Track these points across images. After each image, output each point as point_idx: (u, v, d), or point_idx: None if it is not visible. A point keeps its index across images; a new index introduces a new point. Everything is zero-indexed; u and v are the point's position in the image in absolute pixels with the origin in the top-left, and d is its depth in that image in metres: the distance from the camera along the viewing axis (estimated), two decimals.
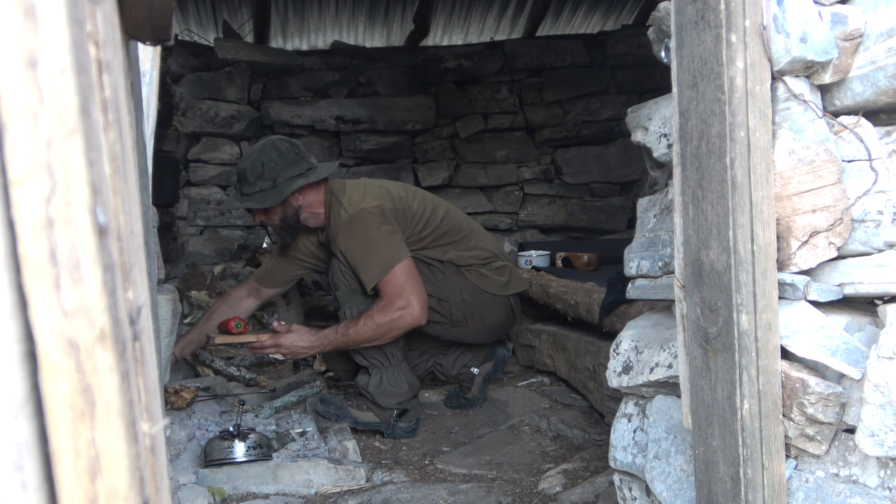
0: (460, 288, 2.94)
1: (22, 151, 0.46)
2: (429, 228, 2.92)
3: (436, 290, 2.88)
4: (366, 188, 2.87)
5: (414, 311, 2.68)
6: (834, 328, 1.18)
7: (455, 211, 3.11)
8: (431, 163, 5.55)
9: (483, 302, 2.98)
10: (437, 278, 2.90)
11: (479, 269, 2.98)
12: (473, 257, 2.98)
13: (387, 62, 5.55)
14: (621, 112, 2.69)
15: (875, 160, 1.19)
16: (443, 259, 2.93)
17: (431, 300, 2.84)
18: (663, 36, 1.45)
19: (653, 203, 1.65)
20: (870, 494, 1.13)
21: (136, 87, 1.17)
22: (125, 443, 0.50)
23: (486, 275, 2.99)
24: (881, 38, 1.18)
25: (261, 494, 2.35)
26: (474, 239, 3.03)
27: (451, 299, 2.92)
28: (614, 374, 1.67)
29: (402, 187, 3.01)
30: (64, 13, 0.46)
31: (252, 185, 2.81)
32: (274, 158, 2.80)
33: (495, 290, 3.00)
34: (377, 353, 2.83)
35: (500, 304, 3.04)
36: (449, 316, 2.93)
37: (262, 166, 2.79)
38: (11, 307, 0.46)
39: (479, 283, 2.97)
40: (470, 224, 3.11)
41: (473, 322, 2.99)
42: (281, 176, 2.79)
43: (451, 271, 2.95)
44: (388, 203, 2.82)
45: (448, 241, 2.95)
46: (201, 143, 5.14)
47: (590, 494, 2.15)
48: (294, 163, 2.83)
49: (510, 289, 3.06)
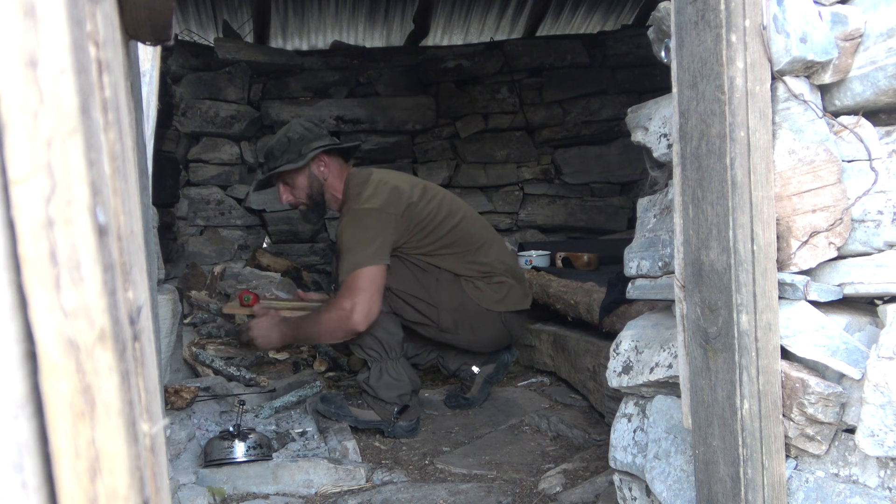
0: (452, 296, 2.92)
1: (22, 151, 0.46)
2: (431, 237, 2.90)
3: (427, 294, 2.88)
4: (378, 188, 2.86)
5: (353, 315, 2.68)
6: (834, 328, 1.18)
7: (473, 220, 3.07)
8: (431, 163, 5.55)
9: (474, 313, 2.95)
10: (431, 284, 2.90)
11: (475, 281, 2.96)
12: (472, 269, 2.96)
13: (387, 62, 5.55)
14: (621, 112, 2.69)
15: (875, 160, 1.19)
16: (440, 266, 2.92)
17: (421, 304, 2.88)
18: (663, 36, 1.45)
19: (653, 203, 1.65)
20: (870, 494, 1.13)
21: (136, 87, 1.17)
22: (125, 443, 0.50)
23: (482, 288, 2.96)
24: (881, 38, 1.18)
25: (261, 494, 2.35)
26: (482, 253, 3.00)
27: (440, 306, 2.91)
28: (614, 374, 1.67)
29: (421, 189, 2.97)
30: (64, 13, 0.46)
31: (278, 160, 2.95)
32: (299, 132, 2.97)
33: (488, 305, 2.96)
34: (375, 345, 2.85)
35: (492, 318, 3.00)
36: (437, 322, 2.93)
37: (287, 140, 2.95)
38: (11, 307, 0.46)
39: (472, 295, 2.94)
40: (484, 236, 3.06)
41: (463, 331, 2.98)
42: (305, 148, 2.93)
43: (448, 279, 2.93)
44: (392, 208, 2.81)
45: (450, 252, 2.93)
46: (201, 143, 5.14)
47: (590, 494, 2.15)
48: (319, 136, 2.98)
49: (505, 305, 3.01)
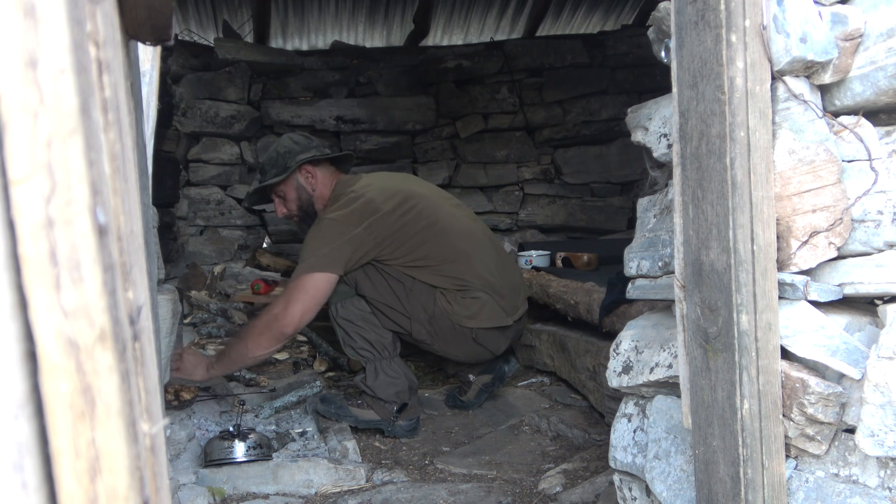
0: (424, 308, 2.86)
1: (22, 151, 0.46)
2: (404, 248, 2.83)
3: (400, 304, 2.85)
4: (350, 199, 2.83)
5: (283, 318, 2.63)
6: (834, 328, 1.18)
7: (454, 231, 2.93)
8: (431, 163, 5.55)
9: (446, 327, 2.88)
10: (404, 295, 2.85)
11: (448, 294, 2.87)
12: (447, 282, 2.88)
13: (387, 62, 5.55)
14: (621, 112, 2.69)
15: (875, 160, 1.19)
16: (415, 277, 2.86)
17: (394, 313, 2.85)
18: (663, 36, 1.45)
19: (653, 203, 1.65)
20: (870, 494, 1.13)
21: (136, 87, 1.17)
22: (125, 443, 0.50)
23: (453, 302, 2.87)
24: (881, 38, 1.18)
25: (261, 494, 2.35)
26: (458, 266, 2.88)
27: (413, 317, 2.86)
28: (614, 374, 1.67)
29: (401, 199, 2.87)
30: (64, 13, 0.46)
31: (267, 174, 3.01)
32: (287, 146, 3.00)
33: (457, 320, 2.87)
34: (367, 346, 2.85)
35: (463, 334, 2.90)
36: (410, 331, 2.89)
37: (276, 155, 3.00)
38: (11, 307, 0.46)
39: (444, 308, 2.87)
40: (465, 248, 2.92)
41: (439, 343, 2.93)
42: (291, 160, 2.96)
43: (421, 290, 2.86)
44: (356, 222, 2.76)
45: (424, 264, 2.86)
46: (201, 143, 5.14)
47: (590, 494, 2.15)
48: (306, 149, 3.00)
49: (476, 322, 2.89)
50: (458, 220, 3.00)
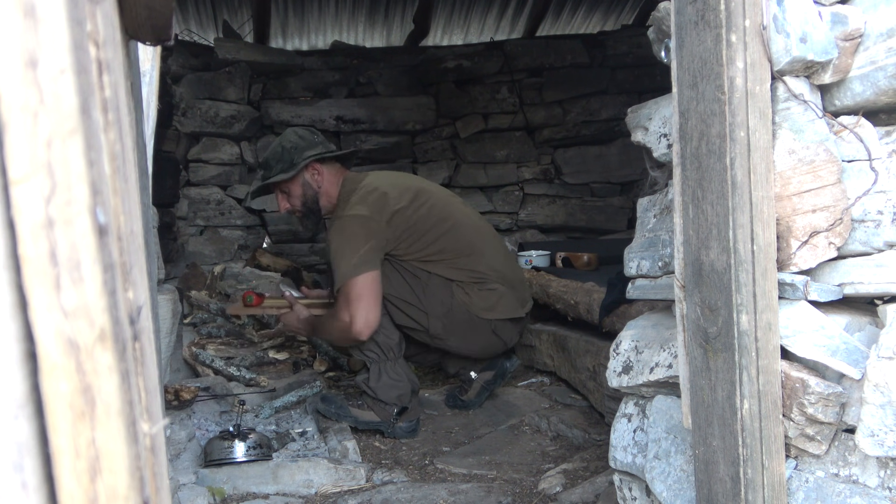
0: (441, 301, 2.88)
1: (22, 151, 0.46)
2: (420, 243, 2.86)
3: (417, 300, 2.86)
4: (366, 194, 2.84)
5: (353, 326, 2.70)
6: (834, 328, 1.18)
7: (466, 226, 2.98)
8: (431, 163, 5.55)
9: (463, 320, 2.91)
10: (421, 289, 2.87)
11: (465, 287, 2.91)
12: (463, 275, 2.91)
13: (387, 62, 5.55)
14: (621, 112, 2.69)
15: (875, 160, 1.19)
16: (431, 271, 2.88)
17: (412, 309, 2.86)
18: (663, 36, 1.45)
19: (653, 203, 1.65)
20: (870, 494, 1.13)
21: (136, 87, 1.17)
22: (125, 443, 0.50)
23: (472, 294, 2.91)
24: (881, 38, 1.18)
25: (261, 494, 2.35)
26: (473, 260, 2.93)
27: (430, 311, 2.88)
28: (614, 374, 1.67)
29: (413, 194, 2.92)
30: (64, 13, 0.46)
31: (272, 169, 2.95)
32: (293, 141, 2.95)
33: (476, 312, 2.91)
34: (373, 347, 2.84)
35: (482, 325, 2.94)
36: (427, 328, 2.90)
37: (281, 150, 2.94)
38: (11, 307, 0.46)
39: (462, 300, 2.90)
40: (477, 243, 2.98)
41: (454, 339, 2.94)
42: (298, 157, 2.91)
43: (438, 284, 2.89)
44: (378, 215, 2.78)
45: (440, 258, 2.89)
46: (201, 143, 5.14)
47: (590, 494, 2.15)
48: (312, 145, 2.95)
49: (495, 313, 2.94)
50: (468, 216, 3.07)
